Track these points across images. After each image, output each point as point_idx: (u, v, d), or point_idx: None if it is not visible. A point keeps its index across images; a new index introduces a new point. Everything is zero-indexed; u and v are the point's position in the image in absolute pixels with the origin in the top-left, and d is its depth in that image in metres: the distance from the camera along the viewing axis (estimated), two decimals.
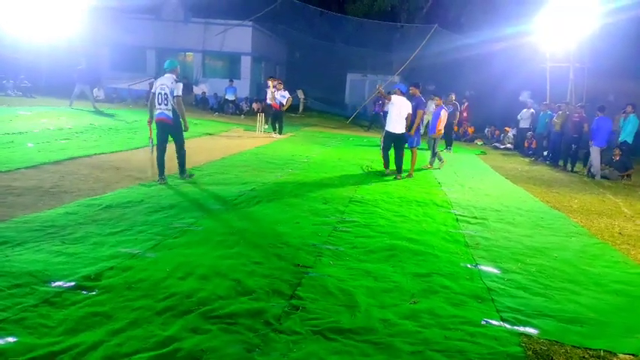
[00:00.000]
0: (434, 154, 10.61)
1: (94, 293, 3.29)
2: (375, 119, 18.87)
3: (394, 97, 8.71)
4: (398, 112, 8.61)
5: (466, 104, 17.73)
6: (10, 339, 2.66)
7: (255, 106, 20.39)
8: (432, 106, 18.52)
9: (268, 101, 14.05)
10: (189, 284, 3.58)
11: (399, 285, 3.92)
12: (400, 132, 8.68)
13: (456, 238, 5.32)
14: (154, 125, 6.93)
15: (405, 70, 19.74)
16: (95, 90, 17.49)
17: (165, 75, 6.79)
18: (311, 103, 23.62)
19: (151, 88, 21.86)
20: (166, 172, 7.06)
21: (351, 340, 3.01)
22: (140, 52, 22.49)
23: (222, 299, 3.39)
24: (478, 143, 17.11)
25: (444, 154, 12.01)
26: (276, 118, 14.17)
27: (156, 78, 22.11)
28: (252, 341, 2.88)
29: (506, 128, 16.89)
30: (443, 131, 10.78)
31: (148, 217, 5.18)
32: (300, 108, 22.44)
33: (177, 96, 6.63)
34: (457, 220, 6.14)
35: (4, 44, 18.55)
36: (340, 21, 21.71)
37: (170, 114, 6.72)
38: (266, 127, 14.97)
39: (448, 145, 14.06)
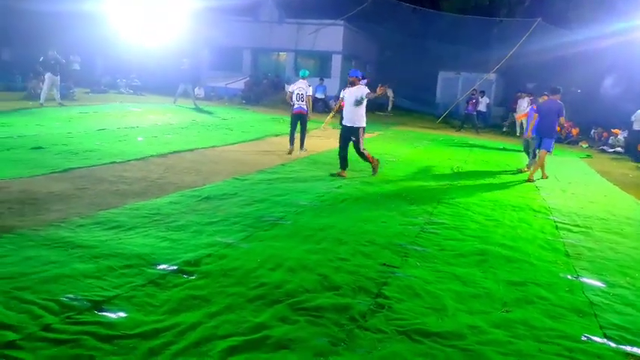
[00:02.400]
0: (533, 156, 9.94)
1: (193, 277, 3.54)
2: (467, 119, 18.16)
3: (347, 90, 7.83)
4: (351, 104, 7.63)
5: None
6: (122, 314, 2.94)
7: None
8: (523, 104, 17.44)
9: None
10: (278, 275, 3.71)
11: (489, 292, 3.76)
12: (358, 125, 7.66)
13: (555, 247, 4.98)
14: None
15: (502, 67, 18.79)
16: (196, 88, 18.68)
17: (300, 80, 9.66)
18: (400, 101, 23.31)
19: (245, 86, 22.90)
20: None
21: (438, 344, 2.94)
22: (237, 53, 23.63)
23: (309, 292, 3.47)
24: (583, 146, 15.83)
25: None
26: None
27: (251, 77, 23.09)
28: (337, 335, 2.93)
29: (615, 130, 15.42)
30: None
31: (242, 209, 5.45)
32: (389, 107, 22.23)
33: (308, 95, 9.47)
34: (557, 227, 5.74)
35: (118, 47, 20.46)
36: (433, 17, 21.14)
37: (305, 107, 9.41)
38: None
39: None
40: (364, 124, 7.82)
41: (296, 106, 9.59)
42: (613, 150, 14.83)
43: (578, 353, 2.95)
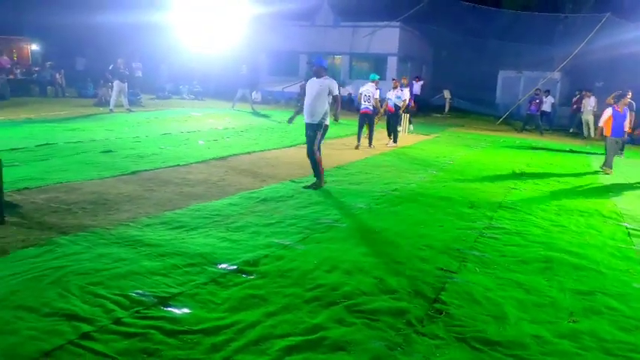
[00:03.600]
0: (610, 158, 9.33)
1: (252, 277, 3.64)
2: (529, 120, 17.41)
3: (310, 81, 6.83)
4: (312, 96, 6.65)
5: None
6: (186, 310, 3.07)
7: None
8: (590, 104, 16.47)
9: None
10: (334, 277, 3.74)
11: (554, 301, 3.59)
12: (319, 122, 6.70)
13: (627, 255, 4.69)
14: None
15: (567, 65, 17.89)
16: (253, 93, 19.16)
17: (369, 83, 10.90)
18: (457, 102, 22.75)
19: (301, 90, 23.17)
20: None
21: (498, 353, 2.85)
22: (293, 57, 23.99)
23: (366, 295, 3.47)
24: None
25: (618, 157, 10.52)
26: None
27: (306, 80, 23.43)
28: (394, 340, 2.91)
29: None
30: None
31: (298, 211, 5.53)
32: (446, 108, 21.76)
33: (375, 98, 10.70)
34: (629, 234, 5.40)
35: (181, 54, 21.38)
36: (494, 15, 20.46)
37: (371, 107, 10.62)
38: (411, 128, 14.83)
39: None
40: (328, 122, 6.80)
41: (363, 106, 10.81)
42: None
43: None
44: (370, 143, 10.99)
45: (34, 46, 21.87)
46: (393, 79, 12.67)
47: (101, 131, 10.70)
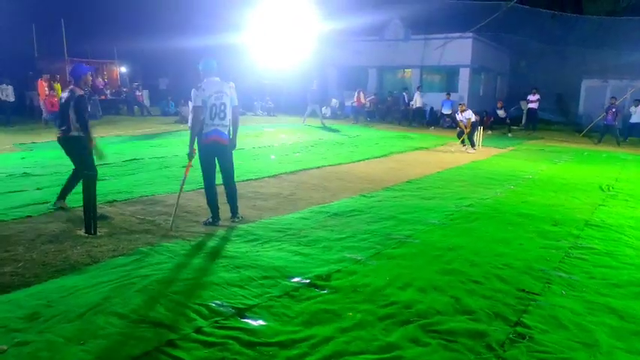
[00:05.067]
0: None
1: (325, 292, 3.65)
2: (607, 131, 16.27)
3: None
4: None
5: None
6: (261, 322, 3.14)
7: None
8: None
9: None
10: (408, 295, 3.66)
11: None
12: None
13: None
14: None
15: None
16: (323, 108, 19.45)
17: (215, 79, 5.17)
18: (534, 113, 21.62)
19: (369, 104, 23.13)
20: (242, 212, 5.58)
21: None
22: (362, 72, 24.10)
23: (441, 314, 3.36)
24: None
25: None
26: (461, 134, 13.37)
27: (376, 95, 23.32)
28: None
29: None
30: None
31: (369, 226, 5.49)
32: (523, 120, 20.76)
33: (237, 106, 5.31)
34: None
35: (255, 72, 22.23)
36: (576, 22, 19.37)
37: (226, 131, 5.19)
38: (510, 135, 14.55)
39: None
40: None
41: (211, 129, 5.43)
42: None
43: None
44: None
45: (123, 69, 23.71)
46: (460, 104, 13.95)
47: (182, 147, 11.29)
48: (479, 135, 13.81)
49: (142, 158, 9.39)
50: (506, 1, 18.78)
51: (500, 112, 19.28)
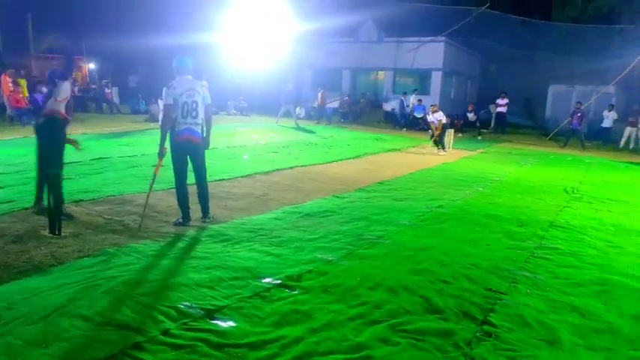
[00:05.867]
0: None
1: (295, 292, 3.64)
2: (572, 135, 16.87)
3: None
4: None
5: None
6: (231, 323, 3.11)
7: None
8: None
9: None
10: (378, 295, 3.69)
11: (613, 327, 3.39)
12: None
13: None
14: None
15: (623, 78, 17.13)
16: (297, 108, 19.44)
17: (188, 77, 5.13)
18: (503, 117, 22.15)
19: (341, 105, 23.26)
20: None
21: None
22: (336, 73, 24.21)
23: (410, 314, 3.40)
24: None
25: None
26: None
27: (349, 96, 23.37)
28: None
29: None
30: None
31: (341, 226, 5.51)
32: (492, 123, 21.23)
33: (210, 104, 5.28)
34: None
35: (228, 71, 22.04)
36: (545, 28, 19.93)
37: (199, 130, 5.16)
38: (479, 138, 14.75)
39: None
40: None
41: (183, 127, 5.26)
42: None
43: None
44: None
45: (91, 65, 23.13)
46: (432, 105, 13.98)
47: (152, 145, 11.09)
48: (450, 137, 14.06)
49: (111, 157, 9.19)
50: (477, 7, 19.18)
51: (471, 116, 19.68)
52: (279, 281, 3.82)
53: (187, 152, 5.16)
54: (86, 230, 4.83)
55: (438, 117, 13.17)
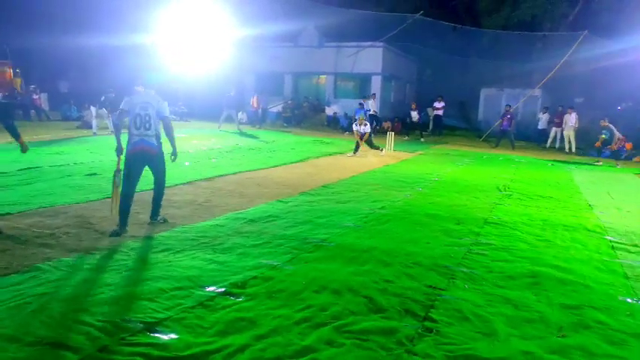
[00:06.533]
0: None
1: (240, 300, 3.60)
2: (503, 135, 17.89)
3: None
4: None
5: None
6: (173, 335, 3.02)
7: (385, 125, 20.60)
8: (571, 120, 16.92)
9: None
10: (323, 298, 3.71)
11: (543, 316, 3.61)
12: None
13: (612, 268, 4.74)
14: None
15: (547, 82, 18.31)
16: (239, 113, 19.23)
17: (145, 91, 5.45)
18: (440, 119, 23.05)
19: (284, 109, 23.11)
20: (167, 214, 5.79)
21: None
22: (278, 77, 24.19)
23: (355, 315, 3.45)
24: (637, 161, 15.08)
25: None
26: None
27: (292, 100, 23.35)
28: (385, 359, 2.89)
29: None
30: None
31: (286, 231, 5.51)
32: (430, 125, 22.02)
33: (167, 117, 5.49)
34: (613, 247, 5.47)
35: (167, 75, 21.40)
36: (475, 35, 20.96)
37: (153, 141, 5.29)
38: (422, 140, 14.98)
39: None
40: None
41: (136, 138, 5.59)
42: None
43: None
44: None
45: (18, 70, 21.71)
46: (360, 118, 13.64)
47: (86, 154, 10.60)
48: (390, 140, 14.44)
49: (40, 167, 8.65)
50: (412, 13, 19.83)
51: (414, 114, 20.12)
52: (223, 289, 3.75)
53: (144, 163, 5.32)
54: (14, 245, 4.53)
55: (364, 130, 13.23)
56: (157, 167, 5.44)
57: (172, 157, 5.54)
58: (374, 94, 21.39)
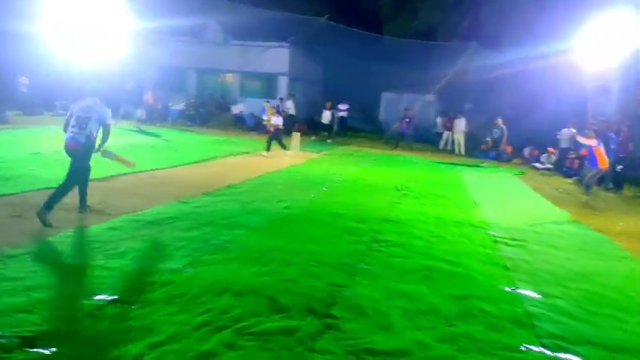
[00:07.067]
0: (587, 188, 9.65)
1: (134, 307, 3.39)
2: (401, 138, 19.00)
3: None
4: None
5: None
6: (54, 349, 2.76)
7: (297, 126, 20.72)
8: (460, 125, 18.41)
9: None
10: (225, 300, 3.63)
11: (435, 307, 3.85)
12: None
13: (494, 261, 5.20)
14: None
15: (441, 88, 19.64)
16: (139, 110, 18.20)
17: (91, 99, 5.96)
18: (344, 121, 23.71)
19: (187, 107, 22.14)
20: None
21: None
22: (182, 73, 23.29)
23: (257, 316, 3.42)
24: (516, 163, 16.73)
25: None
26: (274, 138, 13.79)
27: (196, 98, 22.48)
28: (286, 359, 2.89)
29: (550, 149, 16.38)
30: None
31: (187, 233, 5.31)
32: (335, 127, 22.57)
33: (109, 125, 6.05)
34: (495, 241, 6.00)
35: (57, 68, 19.63)
36: (377, 41, 21.87)
37: (82, 139, 5.74)
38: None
39: None
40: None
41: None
42: (544, 167, 15.75)
43: None
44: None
45: None
46: (272, 107, 14.32)
47: None
48: (296, 140, 14.56)
49: None
50: (318, 16, 20.19)
51: (327, 114, 20.25)
52: (115, 297, 3.52)
53: (70, 156, 5.86)
54: None
55: (275, 121, 13.38)
56: (75, 162, 5.87)
57: (98, 147, 6.14)
58: (293, 94, 21.46)
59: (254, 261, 4.57)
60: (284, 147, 13.61)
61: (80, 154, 5.84)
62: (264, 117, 14.02)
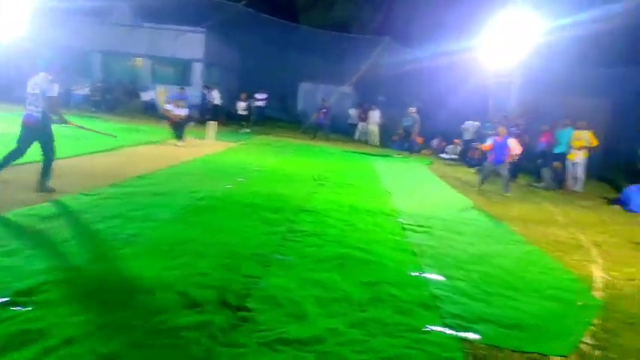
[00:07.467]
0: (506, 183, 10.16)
1: (28, 309, 3.11)
2: (319, 128, 19.29)
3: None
4: None
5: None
6: None
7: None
8: (375, 116, 19.10)
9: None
10: (131, 298, 3.46)
11: (347, 294, 3.95)
12: None
13: (403, 247, 5.44)
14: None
15: (356, 80, 20.11)
16: None
17: (40, 74, 6.24)
18: (262, 111, 23.51)
19: (93, 92, 20.71)
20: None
21: (299, 351, 3.00)
22: (85, 55, 21.64)
23: (167, 313, 3.29)
24: (426, 153, 17.64)
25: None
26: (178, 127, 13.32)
27: (102, 82, 21.08)
28: (197, 355, 2.82)
29: (456, 140, 17.45)
30: None
31: (90, 227, 4.98)
32: (253, 117, 22.31)
33: (51, 97, 6.21)
34: (404, 228, 6.28)
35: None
36: (295, 30, 21.83)
37: (37, 114, 6.17)
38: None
39: None
40: None
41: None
42: (449, 157, 16.78)
43: (423, 344, 3.25)
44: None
45: None
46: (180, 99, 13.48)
47: None
48: (212, 129, 14.19)
49: None
50: (235, 2, 19.71)
51: (242, 105, 19.80)
52: (6, 299, 3.20)
53: (30, 135, 6.23)
54: None
55: (178, 111, 12.88)
56: (40, 139, 6.28)
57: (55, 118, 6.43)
58: (218, 83, 20.74)
59: (164, 254, 4.40)
60: (179, 137, 12.83)
61: (39, 129, 6.23)
62: (168, 106, 13.31)
